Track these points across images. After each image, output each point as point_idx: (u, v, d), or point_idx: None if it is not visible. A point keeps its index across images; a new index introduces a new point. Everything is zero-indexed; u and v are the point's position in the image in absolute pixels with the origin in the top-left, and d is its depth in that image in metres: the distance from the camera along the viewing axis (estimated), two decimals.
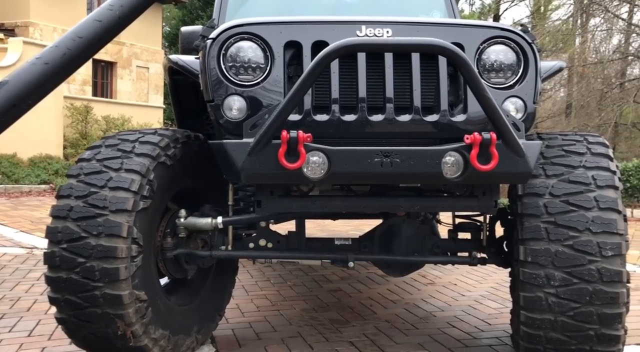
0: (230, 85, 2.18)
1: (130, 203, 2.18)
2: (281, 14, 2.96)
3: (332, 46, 1.83)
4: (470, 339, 2.91)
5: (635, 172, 10.44)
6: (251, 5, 3.44)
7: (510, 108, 2.21)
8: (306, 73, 1.85)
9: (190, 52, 3.42)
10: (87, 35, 1.71)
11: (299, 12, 3.04)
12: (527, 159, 1.98)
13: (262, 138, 1.92)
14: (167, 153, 2.37)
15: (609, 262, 2.10)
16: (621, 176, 6.74)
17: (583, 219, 2.14)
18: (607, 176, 2.21)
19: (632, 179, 10.41)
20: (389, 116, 2.15)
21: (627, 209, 10.31)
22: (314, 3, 3.25)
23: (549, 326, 2.20)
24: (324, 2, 3.27)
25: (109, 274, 2.12)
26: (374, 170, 1.95)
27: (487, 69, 2.25)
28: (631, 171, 10.49)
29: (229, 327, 3.06)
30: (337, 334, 2.96)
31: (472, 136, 1.92)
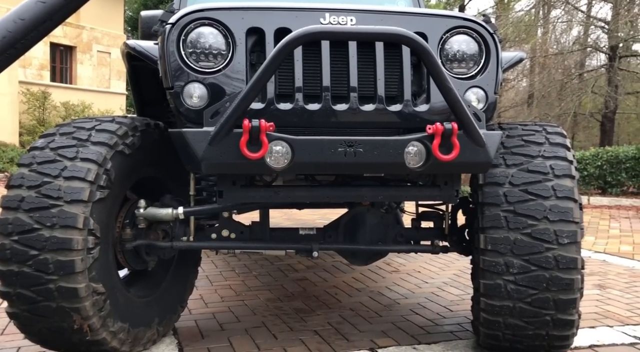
0: (191, 72, 2.13)
1: (86, 193, 2.11)
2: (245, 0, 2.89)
3: (295, 34, 1.80)
4: (433, 325, 2.96)
5: (592, 160, 10.78)
6: None
7: (472, 98, 2.23)
8: (268, 60, 1.82)
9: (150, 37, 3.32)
10: (29, 18, 1.61)
11: None
12: (487, 149, 2.01)
13: (223, 127, 1.88)
14: (126, 142, 2.31)
15: (565, 249, 2.16)
16: (578, 165, 6.94)
17: (541, 208, 2.18)
18: (564, 165, 2.26)
19: (589, 168, 10.74)
20: (353, 105, 2.14)
21: (584, 197, 10.65)
22: None
23: (508, 312, 2.25)
24: None
25: (64, 267, 2.06)
26: (337, 160, 1.95)
27: (450, 59, 2.26)
28: (588, 160, 10.82)
29: (191, 319, 3.03)
30: (302, 324, 2.96)
31: (434, 126, 1.93)
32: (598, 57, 21.10)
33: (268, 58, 1.83)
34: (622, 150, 10.71)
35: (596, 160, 10.73)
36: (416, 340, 2.72)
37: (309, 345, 2.64)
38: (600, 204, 10.10)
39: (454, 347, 2.62)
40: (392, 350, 2.58)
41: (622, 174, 10.55)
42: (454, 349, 2.60)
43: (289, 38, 1.80)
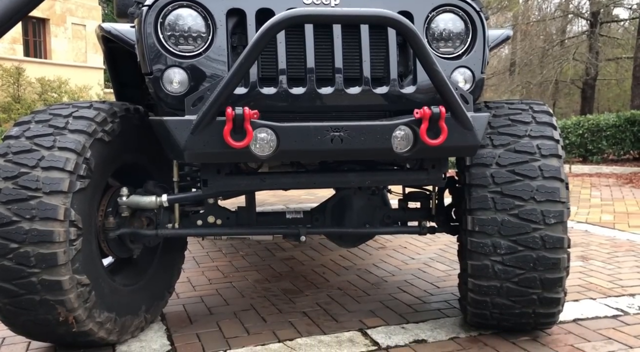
0: (170, 57, 2.06)
1: (66, 184, 2.06)
2: None
3: (277, 18, 1.74)
4: (420, 303, 2.98)
5: (574, 129, 10.87)
6: None
7: (458, 79, 2.20)
8: (250, 46, 1.76)
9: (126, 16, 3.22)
10: None
11: None
12: (475, 132, 1.99)
13: (205, 115, 1.83)
14: (105, 128, 2.24)
15: (551, 229, 2.17)
16: (560, 133, 7.02)
17: (528, 189, 2.18)
18: (551, 144, 2.25)
19: (571, 136, 10.84)
20: (339, 88, 2.09)
21: (565, 165, 10.76)
22: None
23: (495, 292, 2.27)
24: None
25: (46, 260, 2.02)
26: (324, 147, 1.91)
27: (436, 38, 2.22)
28: (570, 128, 10.91)
29: (179, 303, 3.01)
30: (291, 305, 2.97)
31: (421, 111, 1.90)
32: (579, 23, 21.11)
33: (250, 43, 1.76)
34: (602, 118, 10.81)
35: (578, 128, 10.83)
36: (404, 319, 2.74)
37: (298, 327, 2.64)
38: (582, 172, 10.22)
39: (442, 325, 2.65)
40: (381, 330, 2.60)
41: (603, 141, 10.67)
42: (442, 327, 2.63)
43: (270, 23, 1.74)
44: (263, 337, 2.53)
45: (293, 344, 2.44)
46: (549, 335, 2.51)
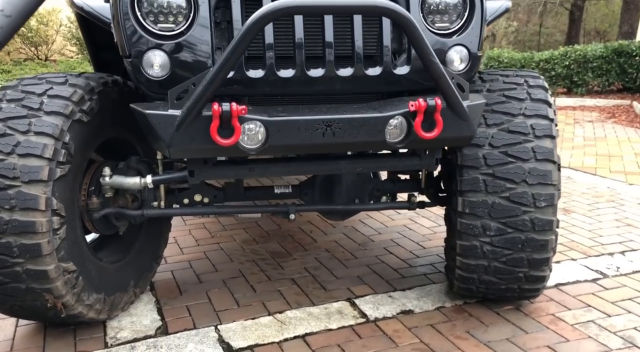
0: (149, 38, 1.91)
1: (46, 172, 1.97)
2: None
3: (265, 9, 1.60)
4: (407, 267, 3.03)
5: (560, 60, 10.72)
6: None
7: (454, 58, 2.09)
8: (236, 40, 1.63)
9: None
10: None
11: None
12: (470, 122, 1.92)
13: (189, 112, 1.72)
14: (82, 108, 2.13)
15: (541, 212, 2.16)
16: (546, 65, 6.87)
17: (520, 171, 2.15)
18: (545, 124, 2.19)
19: (557, 67, 10.71)
20: (330, 69, 1.98)
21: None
22: None
23: (483, 270, 2.31)
24: None
25: (30, 250, 1.97)
26: (315, 141, 1.83)
27: (432, 12, 2.08)
28: (556, 59, 10.77)
29: (168, 269, 3.02)
30: (279, 271, 3.00)
31: (416, 103, 1.82)
32: None
33: (236, 38, 1.63)
34: (590, 48, 10.65)
35: (564, 59, 10.68)
36: (391, 286, 2.79)
37: (288, 297, 2.68)
38: (565, 104, 10.21)
39: (428, 293, 2.71)
40: (369, 299, 2.65)
41: (589, 73, 10.58)
42: (428, 295, 2.69)
43: (258, 15, 1.60)
44: (253, 309, 2.57)
45: (283, 318, 2.49)
46: (531, 303, 2.59)
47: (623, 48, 10.37)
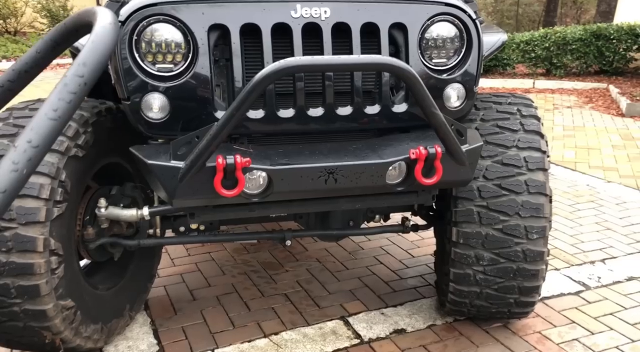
0: (148, 80, 1.87)
1: (43, 213, 1.95)
2: None
3: (268, 70, 1.57)
4: (397, 279, 3.10)
5: (540, 41, 10.76)
6: None
7: (451, 95, 2.11)
8: (240, 98, 1.61)
9: None
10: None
11: None
12: (468, 167, 1.95)
13: (193, 165, 1.71)
14: (78, 143, 2.09)
15: (533, 244, 2.23)
16: (527, 47, 6.84)
17: (513, 204, 2.20)
18: (538, 157, 2.24)
19: (537, 49, 10.76)
20: (329, 108, 1.98)
21: (529, 80, 10.83)
22: None
23: (475, 296, 2.38)
24: None
25: (28, 292, 1.96)
26: (317, 187, 1.84)
27: (430, 47, 2.08)
28: (537, 41, 10.80)
29: (161, 284, 3.03)
30: (272, 285, 3.03)
31: (417, 151, 1.83)
32: None
33: (240, 96, 1.61)
34: (569, 31, 10.70)
35: (544, 41, 10.72)
36: (383, 302, 2.85)
37: (282, 316, 2.73)
38: (544, 87, 10.32)
39: (419, 309, 2.78)
40: (362, 317, 2.72)
41: (568, 55, 10.67)
42: (419, 311, 2.76)
43: (261, 75, 1.57)
44: (248, 331, 2.60)
45: (279, 340, 2.53)
46: (519, 320, 2.68)
47: (601, 31, 10.45)
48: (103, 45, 0.99)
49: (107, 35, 1.01)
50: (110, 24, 1.03)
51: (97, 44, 0.98)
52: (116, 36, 1.03)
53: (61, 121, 0.90)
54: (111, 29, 1.02)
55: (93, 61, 0.96)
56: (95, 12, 1.08)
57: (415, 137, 2.06)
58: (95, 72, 0.96)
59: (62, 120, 0.90)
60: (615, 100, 8.70)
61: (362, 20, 1.98)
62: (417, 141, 2.01)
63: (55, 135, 0.88)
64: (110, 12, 1.07)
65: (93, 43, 0.98)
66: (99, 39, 0.99)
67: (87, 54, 0.96)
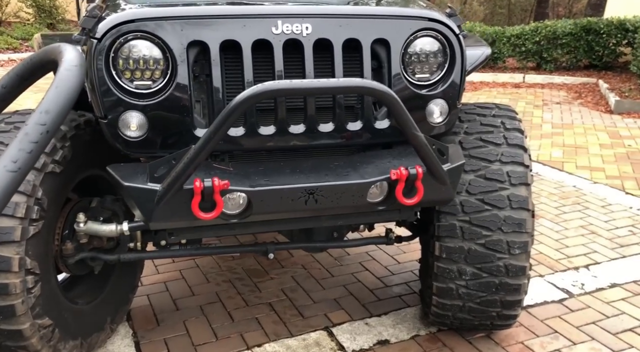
0: (125, 98, 1.83)
1: (18, 232, 1.92)
2: None
3: (244, 95, 1.54)
4: (382, 287, 3.09)
5: (531, 36, 10.75)
6: None
7: (434, 110, 2.09)
8: (217, 123, 1.58)
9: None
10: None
11: None
12: (449, 187, 1.93)
13: (170, 188, 1.68)
14: (55, 158, 2.05)
15: (515, 259, 2.22)
16: (517, 40, 6.66)
17: (496, 219, 2.19)
18: (521, 172, 2.23)
19: (528, 43, 10.75)
20: (310, 125, 1.96)
21: (519, 75, 10.82)
22: None
23: (458, 309, 2.37)
24: None
25: (3, 312, 1.93)
26: (297, 207, 1.82)
27: (413, 62, 2.06)
28: (527, 35, 10.79)
29: (144, 293, 3.00)
30: (256, 294, 3.02)
31: (398, 171, 1.81)
32: None
33: (216, 121, 1.58)
34: (560, 25, 10.69)
35: (535, 35, 10.71)
36: (367, 311, 2.85)
37: (265, 327, 2.71)
38: (534, 81, 10.33)
39: (403, 319, 2.78)
40: (346, 328, 2.71)
41: (558, 49, 10.66)
42: (403, 321, 2.76)
43: (237, 101, 1.54)
44: (231, 343, 2.59)
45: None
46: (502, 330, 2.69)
47: (592, 25, 10.45)
48: (67, 91, 0.95)
49: (71, 79, 0.97)
50: (75, 66, 0.99)
51: (60, 89, 0.95)
52: (82, 79, 0.99)
53: (21, 173, 0.86)
54: (76, 72, 0.98)
55: (56, 108, 0.93)
56: (61, 51, 1.04)
57: (398, 154, 2.04)
58: (58, 119, 0.92)
59: (22, 171, 0.87)
60: (604, 96, 8.72)
61: (344, 37, 1.95)
62: (399, 159, 2.00)
63: (15, 188, 0.85)
64: (77, 52, 1.03)
65: (56, 88, 0.94)
66: (62, 84, 0.95)
67: (49, 100, 0.93)
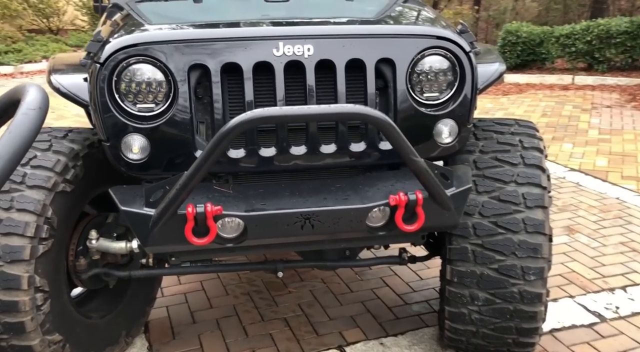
0: (128, 121, 1.86)
1: (27, 251, 1.97)
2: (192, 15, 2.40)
3: (235, 122, 1.53)
4: (401, 305, 3.02)
5: (581, 35, 10.30)
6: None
7: (442, 131, 2.01)
8: (207, 151, 1.58)
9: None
10: None
11: (214, 13, 2.45)
12: (454, 212, 1.85)
13: (163, 214, 1.69)
14: (66, 177, 2.11)
15: (531, 285, 2.11)
16: (567, 40, 6.25)
17: (510, 243, 2.10)
18: (537, 194, 2.11)
19: (578, 43, 10.31)
20: (312, 146, 1.93)
21: (569, 76, 10.38)
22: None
23: (471, 335, 2.29)
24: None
25: (14, 328, 2.00)
26: (293, 233, 1.80)
27: (420, 81, 1.99)
28: (577, 34, 10.35)
29: (163, 305, 3.05)
30: (273, 308, 3.00)
31: (397, 197, 1.75)
32: None
33: (207, 148, 1.58)
34: (614, 23, 10.18)
35: (586, 34, 10.25)
36: (384, 330, 2.79)
37: (279, 343, 2.70)
38: (584, 83, 9.90)
39: (420, 339, 2.70)
40: (359, 347, 2.66)
41: (612, 49, 10.17)
42: (420, 342, 2.68)
43: (226, 128, 1.53)
44: None
45: None
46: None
47: None
48: (21, 136, 0.95)
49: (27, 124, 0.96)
50: (33, 110, 0.99)
51: (14, 135, 0.94)
52: (39, 123, 0.98)
53: None
54: (33, 116, 0.98)
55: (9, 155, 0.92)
56: (24, 92, 1.05)
57: (403, 176, 1.98)
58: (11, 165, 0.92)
59: None
60: None
61: (347, 57, 1.91)
62: (404, 181, 1.93)
63: None
64: (39, 94, 1.03)
65: (9, 134, 0.94)
66: (17, 129, 0.95)
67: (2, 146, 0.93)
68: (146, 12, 2.32)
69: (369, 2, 2.59)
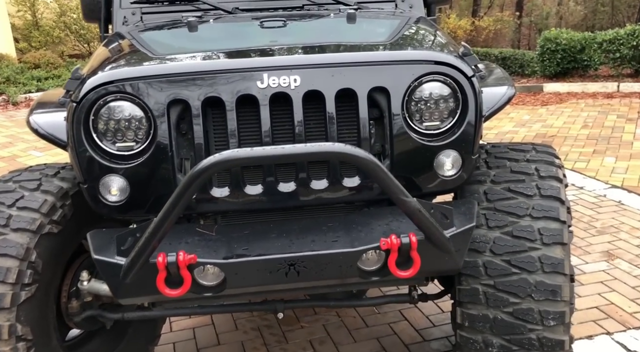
0: (106, 162, 1.77)
1: (8, 299, 1.89)
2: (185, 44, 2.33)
3: (204, 164, 1.42)
4: (419, 341, 2.82)
5: (626, 40, 9.81)
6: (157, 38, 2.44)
7: (445, 162, 1.83)
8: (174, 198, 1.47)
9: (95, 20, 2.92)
10: None
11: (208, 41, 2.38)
12: (454, 255, 1.67)
13: (134, 263, 1.58)
14: (53, 218, 2.03)
15: (551, 331, 1.89)
16: (611, 46, 5.83)
17: (525, 285, 1.88)
18: (556, 229, 1.90)
19: (623, 49, 9.82)
20: (302, 183, 1.79)
21: (613, 83, 9.87)
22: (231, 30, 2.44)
23: None
24: (244, 30, 2.41)
25: None
26: (277, 281, 1.65)
27: (418, 111, 1.83)
28: (622, 39, 9.86)
29: (170, 341, 2.95)
30: (282, 346, 2.86)
31: (389, 240, 1.58)
32: None
33: (173, 196, 1.47)
34: None
35: (631, 39, 9.72)
36: None
37: None
38: (631, 90, 9.40)
39: None
40: None
41: None
42: None
43: (196, 170, 1.42)
44: None
45: None
46: None
47: None
48: None
49: None
50: None
51: None
52: None
53: None
54: None
55: None
56: None
57: (401, 213, 1.81)
58: None
59: None
60: None
61: (337, 87, 1.77)
62: (400, 220, 1.76)
63: None
64: None
65: None
66: None
67: None
68: (148, 41, 2.25)
69: (374, 25, 2.44)
